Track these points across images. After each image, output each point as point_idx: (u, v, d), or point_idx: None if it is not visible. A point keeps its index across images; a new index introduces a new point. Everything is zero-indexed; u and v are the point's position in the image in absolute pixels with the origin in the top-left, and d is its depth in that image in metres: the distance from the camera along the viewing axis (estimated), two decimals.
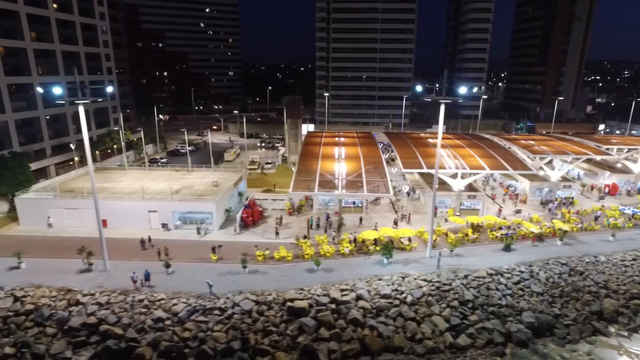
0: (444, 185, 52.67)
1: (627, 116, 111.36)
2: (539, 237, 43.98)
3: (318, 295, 33.26)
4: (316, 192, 42.28)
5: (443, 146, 55.62)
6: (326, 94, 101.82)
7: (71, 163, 67.82)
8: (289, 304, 32.30)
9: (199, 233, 43.74)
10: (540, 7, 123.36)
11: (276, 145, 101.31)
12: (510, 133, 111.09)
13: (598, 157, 55.66)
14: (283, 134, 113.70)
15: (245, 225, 45.91)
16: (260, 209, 49.48)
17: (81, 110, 32.89)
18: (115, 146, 76.26)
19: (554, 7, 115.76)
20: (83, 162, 70.11)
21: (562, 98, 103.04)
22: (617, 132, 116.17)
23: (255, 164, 76.61)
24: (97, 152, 71.29)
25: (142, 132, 77.23)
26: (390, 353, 30.34)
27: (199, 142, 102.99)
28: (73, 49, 68.82)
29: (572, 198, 54.89)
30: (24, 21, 58.13)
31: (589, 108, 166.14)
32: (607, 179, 59.94)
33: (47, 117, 63.65)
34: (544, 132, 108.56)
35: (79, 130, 71.08)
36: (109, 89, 57.33)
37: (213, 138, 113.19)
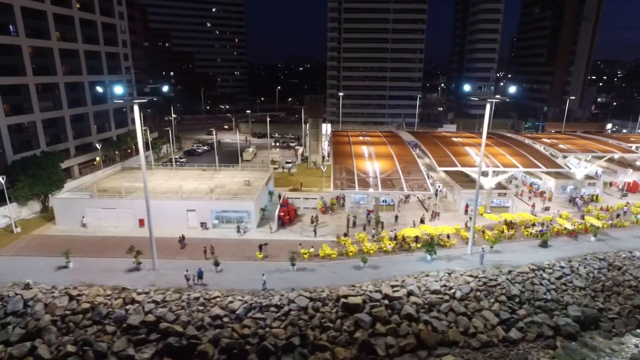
0: (473, 184, 53.41)
1: (628, 115, 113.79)
2: (574, 233, 44.77)
3: (370, 292, 33.73)
4: (357, 190, 42.72)
5: (471, 145, 56.36)
6: (340, 94, 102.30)
7: (94, 163, 67.73)
8: (343, 300, 32.76)
9: (239, 231, 44.03)
10: (547, 7, 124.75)
11: (291, 144, 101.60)
12: (520, 132, 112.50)
13: (626, 155, 56.64)
14: (296, 133, 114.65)
15: (282, 223, 46.27)
16: (294, 207, 49.83)
17: (136, 109, 33.05)
18: (134, 146, 76.16)
19: (561, 8, 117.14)
20: (107, 162, 70.13)
21: (573, 97, 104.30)
22: (624, 130, 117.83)
23: (276, 163, 76.92)
24: (116, 152, 71.13)
25: (157, 132, 77.35)
26: (446, 347, 30.94)
27: (212, 142, 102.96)
28: (95, 49, 68.70)
29: (597, 195, 55.84)
30: (50, 21, 58.01)
31: (592, 107, 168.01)
32: (628, 176, 60.96)
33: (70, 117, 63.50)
34: (552, 131, 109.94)
35: (100, 129, 71.12)
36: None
37: (225, 137, 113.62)
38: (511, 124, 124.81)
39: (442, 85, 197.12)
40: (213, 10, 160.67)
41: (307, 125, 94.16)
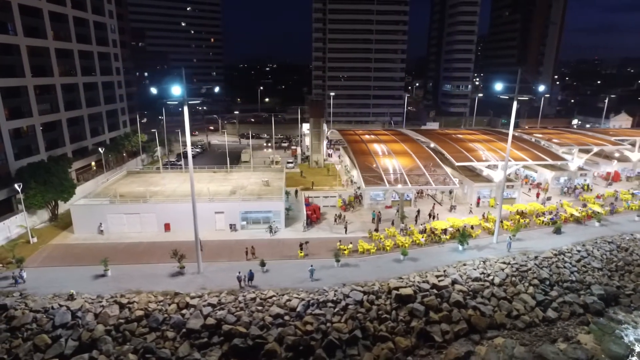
0: (480, 177, 56.45)
1: (586, 110, 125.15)
2: (578, 220, 48.65)
3: (418, 282, 35.21)
4: (387, 186, 44.06)
5: (476, 141, 59.42)
6: (332, 93, 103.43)
7: (91, 168, 64.75)
8: (395, 292, 33.98)
9: (271, 232, 44.11)
10: (517, 11, 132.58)
11: (283, 144, 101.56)
12: (496, 128, 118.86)
13: (606, 148, 61.90)
14: (285, 134, 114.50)
15: (310, 222, 46.81)
16: (318, 206, 50.46)
17: (185, 111, 32.48)
18: (130, 149, 73.46)
19: (531, 12, 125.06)
20: (101, 167, 67.14)
21: (548, 95, 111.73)
22: (587, 125, 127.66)
23: (277, 163, 76.86)
24: (118, 155, 68.29)
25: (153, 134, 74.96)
26: (495, 330, 33.01)
27: (204, 144, 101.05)
28: (88, 49, 65.64)
29: (588, 185, 60.68)
30: (46, 19, 54.91)
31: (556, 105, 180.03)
32: (610, 167, 66.61)
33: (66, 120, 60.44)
34: (526, 127, 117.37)
35: (93, 133, 67.99)
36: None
37: (213, 139, 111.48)
38: (487, 121, 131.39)
39: (417, 84, 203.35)
40: (188, 9, 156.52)
41: (303, 125, 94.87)
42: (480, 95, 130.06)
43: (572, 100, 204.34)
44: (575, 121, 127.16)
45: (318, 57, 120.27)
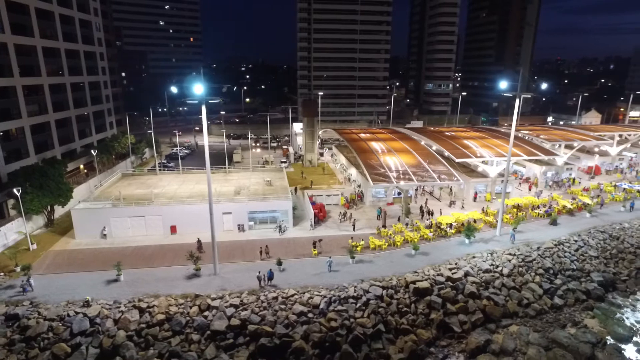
0: (474, 173, 58.27)
1: (559, 109, 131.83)
2: (570, 212, 51.14)
3: (433, 276, 36.15)
4: (395, 183, 44.86)
5: (471, 138, 61.28)
6: (320, 93, 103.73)
7: (84, 171, 62.44)
8: (412, 285, 34.79)
9: (280, 231, 44.05)
10: (494, 12, 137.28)
11: (272, 144, 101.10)
12: (477, 125, 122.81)
13: (586, 143, 65.26)
14: (272, 133, 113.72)
15: (318, 220, 47.03)
16: (323, 204, 50.73)
17: (204, 110, 32.02)
18: (120, 151, 71.23)
19: (507, 14, 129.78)
20: (90, 170, 64.84)
21: (528, 95, 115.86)
22: (561, 122, 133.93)
23: (270, 163, 76.61)
24: (102, 158, 66.03)
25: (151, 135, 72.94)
26: (509, 318, 34.34)
27: (191, 144, 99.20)
28: (74, 47, 63.19)
29: (574, 178, 63.80)
30: (33, 16, 52.54)
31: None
32: (591, 161, 70.21)
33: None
34: (505, 124, 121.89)
35: (81, 135, 65.56)
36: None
37: (200, 140, 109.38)
38: (468, 119, 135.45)
39: (397, 83, 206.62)
40: (166, 7, 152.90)
41: (294, 125, 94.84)
42: (464, 94, 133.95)
43: (544, 99, 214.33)
44: (550, 118, 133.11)
45: (303, 57, 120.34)
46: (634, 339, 32.56)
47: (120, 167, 69.61)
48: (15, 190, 37.99)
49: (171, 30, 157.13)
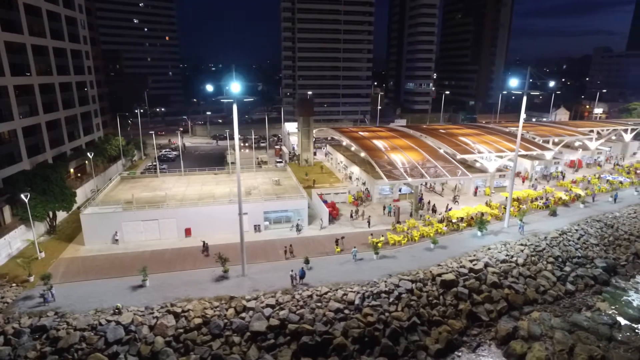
0: (472, 168, 60.38)
1: (530, 106, 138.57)
2: (565, 203, 54.07)
3: (456, 268, 37.31)
4: (408, 180, 45.78)
5: (467, 134, 63.41)
6: (309, 92, 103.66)
7: (78, 175, 59.48)
8: (438, 278, 35.77)
9: (298, 230, 43.95)
10: (469, 14, 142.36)
11: (261, 144, 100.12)
12: (457, 123, 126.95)
13: (583, 137, 69.24)
14: (259, 134, 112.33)
15: (331, 218, 47.25)
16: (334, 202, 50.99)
17: (234, 109, 31.50)
18: (111, 154, 68.42)
19: (482, 15, 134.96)
20: (83, 174, 61.81)
21: (505, 92, 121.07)
22: (533, 119, 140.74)
23: (266, 163, 75.96)
24: (98, 160, 63.21)
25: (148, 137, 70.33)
26: (530, 305, 36.03)
27: (177, 146, 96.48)
28: (61, 45, 60.08)
29: (562, 171, 67.40)
30: (22, 12, 49.55)
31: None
32: (573, 156, 74.41)
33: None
34: (483, 122, 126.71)
35: (71, 137, 62.47)
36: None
37: (185, 141, 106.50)
38: (448, 117, 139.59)
39: (375, 83, 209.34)
40: (141, 5, 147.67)
41: (286, 124, 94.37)
42: (447, 92, 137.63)
43: (513, 97, 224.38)
44: (523, 115, 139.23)
45: (288, 56, 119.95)
46: None
47: (113, 170, 66.97)
48: (23, 196, 35.77)
49: (146, 29, 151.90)
